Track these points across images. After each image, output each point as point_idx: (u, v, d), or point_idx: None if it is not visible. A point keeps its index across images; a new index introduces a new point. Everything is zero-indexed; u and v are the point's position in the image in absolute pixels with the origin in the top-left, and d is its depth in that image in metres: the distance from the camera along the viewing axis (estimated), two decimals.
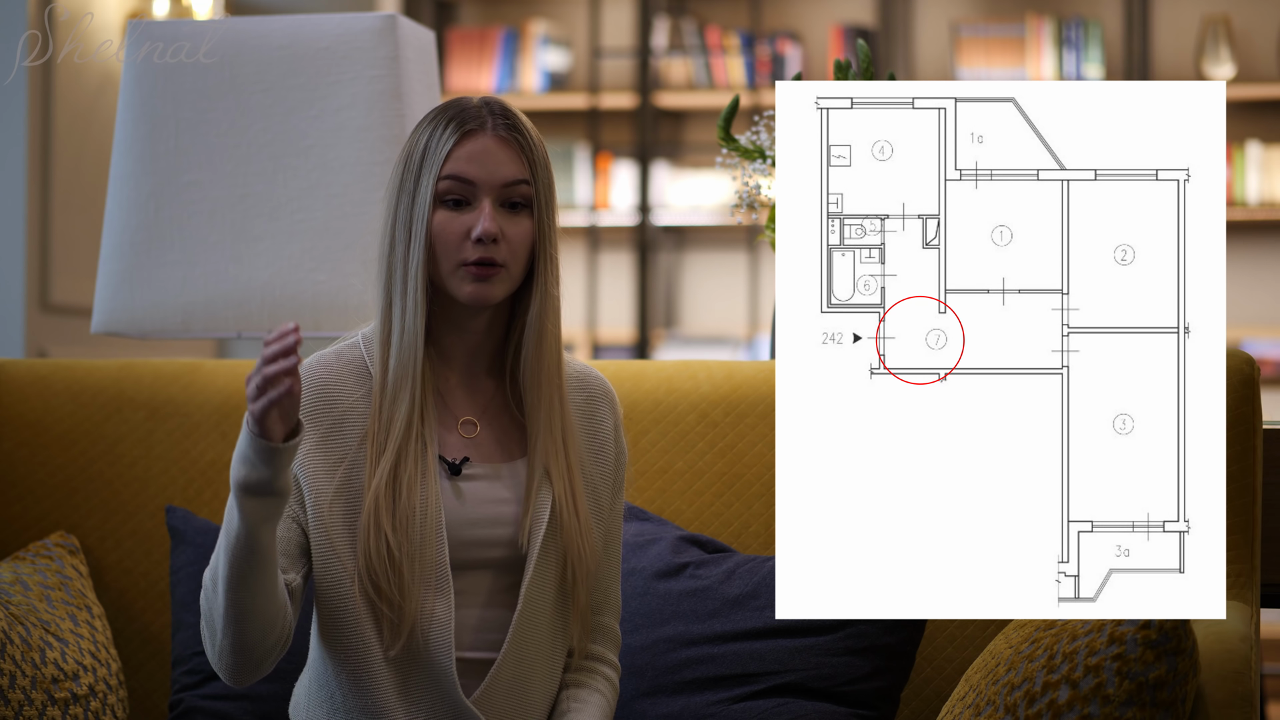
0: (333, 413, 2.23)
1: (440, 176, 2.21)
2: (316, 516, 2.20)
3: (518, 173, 2.22)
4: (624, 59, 7.43)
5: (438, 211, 2.21)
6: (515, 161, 2.22)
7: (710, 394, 2.69)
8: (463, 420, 2.27)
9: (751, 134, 2.96)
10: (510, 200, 2.22)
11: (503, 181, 2.21)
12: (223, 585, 2.10)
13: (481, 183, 2.21)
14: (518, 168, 2.22)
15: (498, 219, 2.20)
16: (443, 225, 2.21)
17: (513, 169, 2.22)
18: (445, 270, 2.21)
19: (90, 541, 2.84)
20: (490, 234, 2.19)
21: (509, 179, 2.21)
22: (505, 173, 2.21)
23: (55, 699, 2.54)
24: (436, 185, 2.21)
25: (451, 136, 2.21)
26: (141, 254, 3.12)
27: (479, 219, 2.20)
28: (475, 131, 2.22)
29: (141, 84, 3.14)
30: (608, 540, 2.32)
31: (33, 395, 2.90)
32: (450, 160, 2.21)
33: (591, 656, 2.32)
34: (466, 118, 2.22)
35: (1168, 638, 2.03)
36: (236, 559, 2.08)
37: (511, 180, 2.22)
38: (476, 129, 2.22)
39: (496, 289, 2.21)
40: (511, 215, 2.22)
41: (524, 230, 2.22)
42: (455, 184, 2.21)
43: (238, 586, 2.09)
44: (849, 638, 2.43)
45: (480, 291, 2.20)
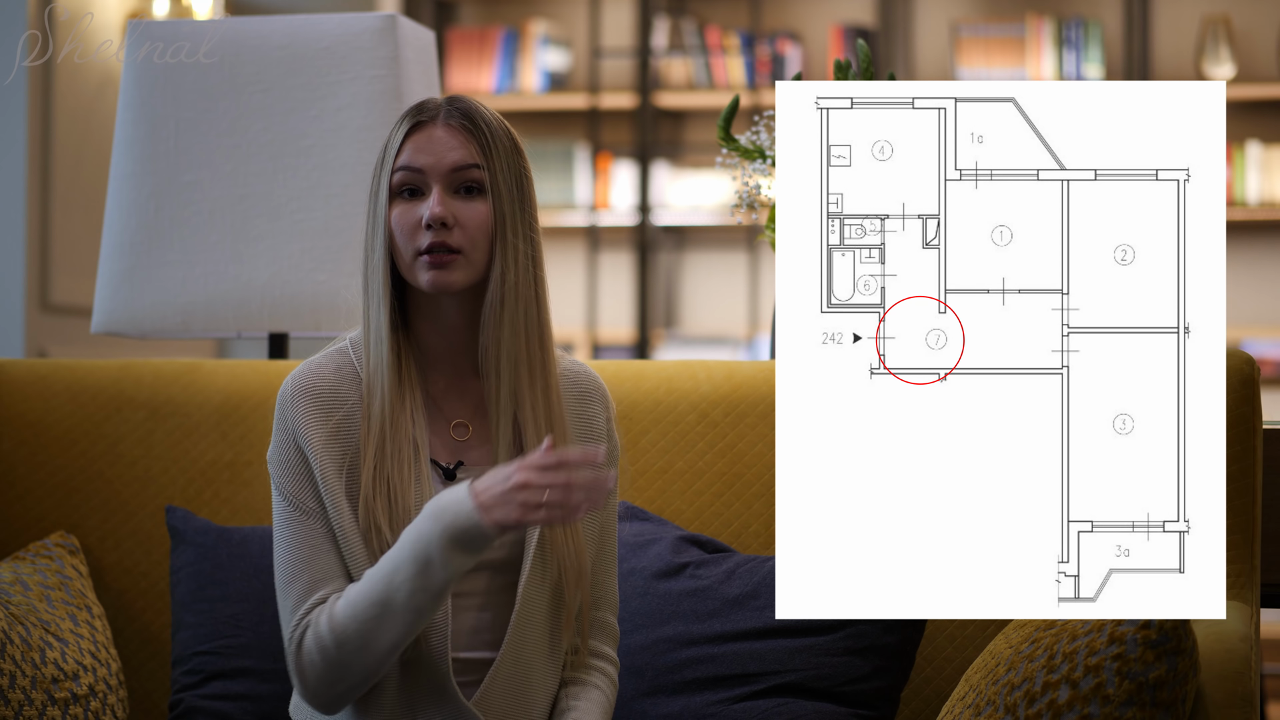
0: (332, 419, 2.23)
1: (393, 169, 2.22)
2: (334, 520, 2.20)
3: (466, 157, 2.22)
4: (624, 59, 7.43)
5: (394, 205, 2.22)
6: (464, 147, 2.22)
7: (710, 394, 2.69)
8: (455, 423, 2.27)
9: (751, 134, 2.96)
10: (462, 185, 2.22)
11: (450, 166, 2.22)
12: (395, 638, 2.13)
13: (429, 169, 2.21)
14: (466, 153, 2.22)
15: (450, 204, 2.21)
16: (398, 217, 2.22)
17: (461, 154, 2.22)
18: (406, 262, 2.22)
19: (90, 541, 2.84)
20: (437, 218, 2.19)
21: (457, 163, 2.22)
22: (453, 158, 2.22)
23: (55, 699, 2.54)
24: (391, 178, 2.22)
25: (404, 130, 2.23)
26: (141, 254, 3.12)
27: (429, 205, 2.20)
28: (425, 123, 2.24)
29: (141, 84, 3.14)
30: (603, 536, 2.32)
31: (33, 395, 2.90)
32: (402, 152, 2.23)
33: (590, 653, 2.32)
34: (421, 111, 2.24)
35: (1168, 638, 2.03)
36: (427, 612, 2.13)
37: (460, 164, 2.22)
38: (428, 121, 2.24)
39: (455, 275, 2.21)
40: (465, 200, 2.22)
41: (478, 214, 2.22)
42: (406, 174, 2.22)
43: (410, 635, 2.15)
44: (849, 638, 2.43)
45: (438, 278, 2.20)
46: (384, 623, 2.12)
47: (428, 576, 2.10)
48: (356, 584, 2.15)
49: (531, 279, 2.24)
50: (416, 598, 2.11)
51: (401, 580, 2.11)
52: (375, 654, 2.13)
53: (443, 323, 2.26)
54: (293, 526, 2.20)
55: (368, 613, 2.12)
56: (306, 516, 2.20)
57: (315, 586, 2.18)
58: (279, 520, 2.22)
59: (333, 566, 2.19)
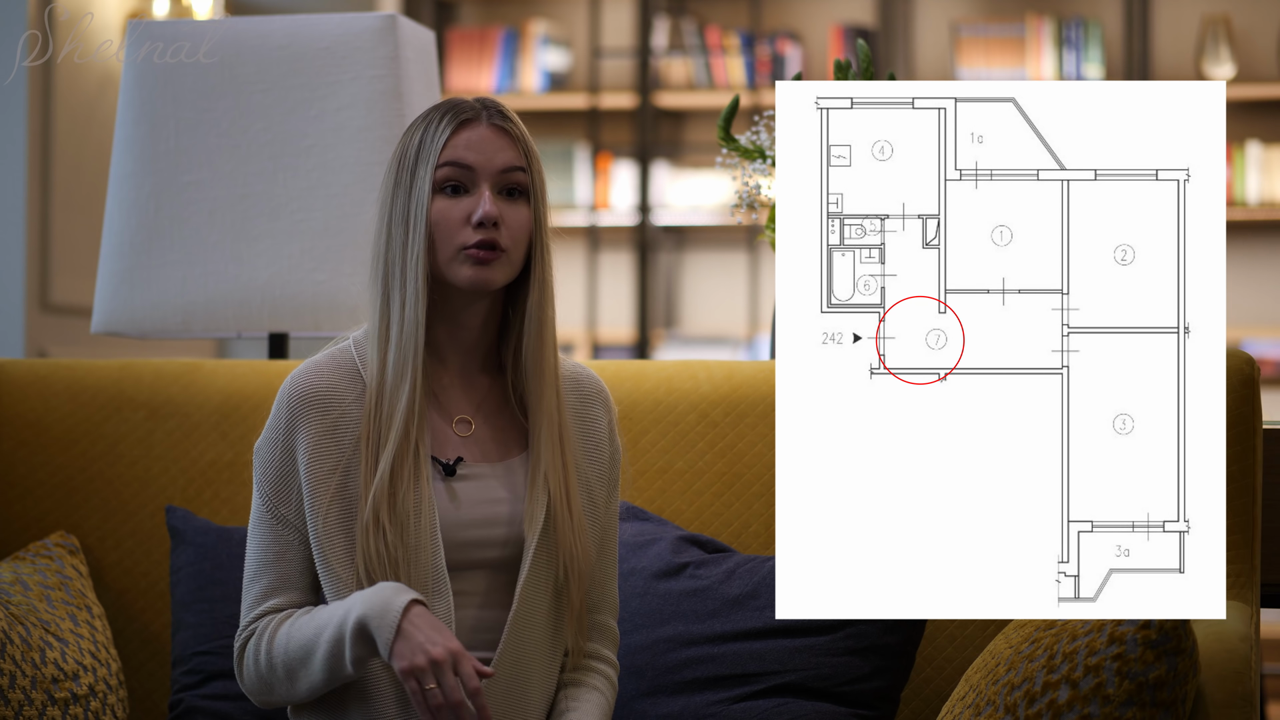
0: (327, 418, 2.23)
1: (439, 164, 2.22)
2: (314, 524, 2.21)
3: (514, 159, 2.24)
4: (624, 59, 7.43)
5: (436, 200, 2.22)
6: (511, 149, 2.24)
7: (710, 394, 2.69)
8: (458, 419, 2.27)
9: (751, 134, 2.96)
10: (508, 187, 2.24)
11: (501, 167, 2.23)
12: (315, 684, 2.19)
13: (480, 168, 2.22)
14: (514, 155, 2.24)
15: (498, 204, 2.21)
16: (442, 212, 2.22)
17: (509, 155, 2.23)
18: (444, 257, 2.22)
19: (90, 541, 2.84)
20: (491, 217, 2.20)
21: (506, 165, 2.23)
22: (503, 159, 2.23)
23: (55, 699, 2.54)
24: (435, 173, 2.22)
25: (448, 127, 2.23)
26: (141, 254, 3.12)
27: (479, 203, 2.21)
28: (471, 121, 2.24)
29: (141, 84, 3.14)
30: (604, 539, 2.32)
31: (33, 395, 2.90)
32: (448, 148, 2.23)
33: (589, 655, 2.32)
34: (461, 110, 2.25)
35: (1168, 638, 2.03)
36: (344, 675, 2.17)
37: (509, 166, 2.23)
38: (472, 119, 2.25)
39: (497, 273, 2.22)
40: (510, 202, 2.24)
41: (523, 217, 2.24)
42: (454, 170, 2.22)
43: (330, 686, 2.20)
44: (849, 638, 2.43)
45: (481, 275, 2.21)
46: (306, 668, 2.18)
47: (336, 652, 2.15)
48: (298, 619, 2.20)
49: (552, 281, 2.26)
50: (331, 661, 2.16)
51: (325, 639, 2.16)
52: (297, 691, 2.20)
53: (459, 322, 2.26)
54: (265, 527, 2.24)
55: (294, 655, 2.18)
56: (278, 522, 2.24)
57: (274, 591, 2.23)
58: (254, 517, 2.26)
59: (295, 575, 2.24)
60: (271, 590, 2.23)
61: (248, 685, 2.24)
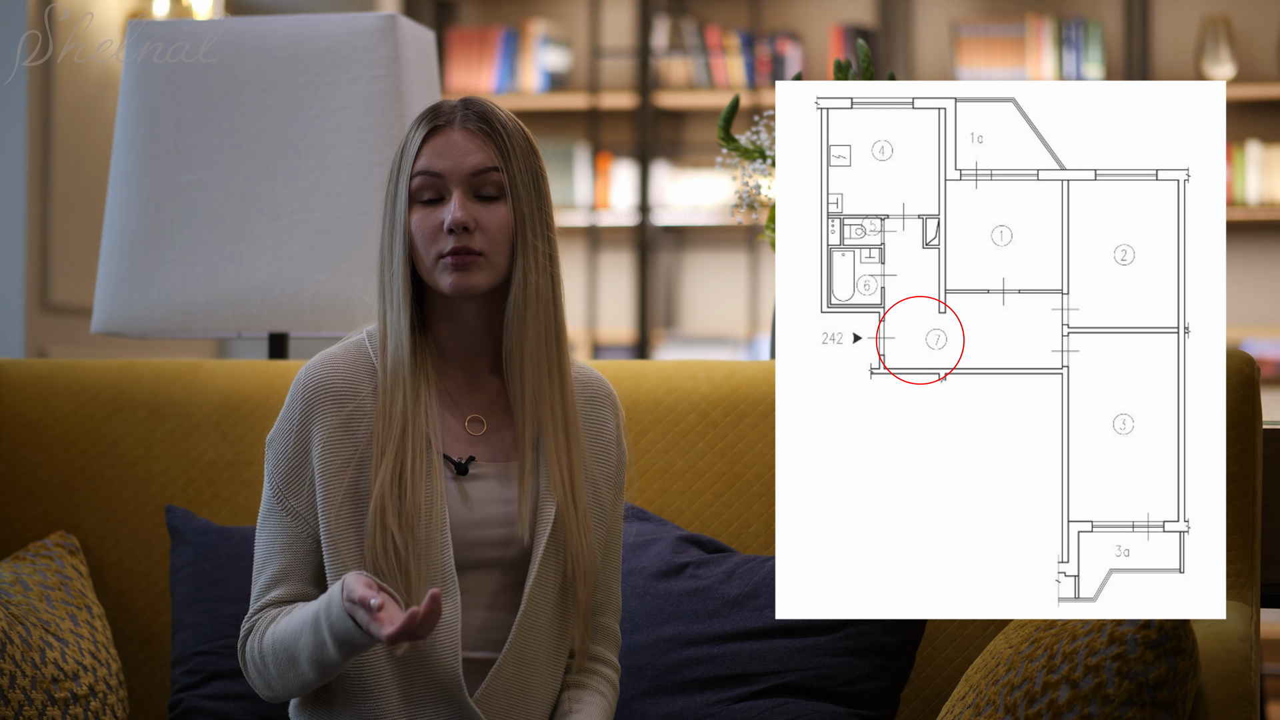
0: (342, 411, 2.23)
1: (412, 175, 2.22)
2: (325, 517, 2.21)
3: (485, 161, 2.22)
4: (624, 59, 7.43)
5: (414, 209, 2.22)
6: (483, 150, 2.23)
7: (710, 394, 2.69)
8: (469, 418, 2.27)
9: (751, 134, 2.96)
10: (482, 189, 2.23)
11: (470, 170, 2.22)
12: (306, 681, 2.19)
13: (449, 174, 2.22)
14: (485, 156, 2.22)
15: (470, 208, 2.21)
16: (419, 222, 2.22)
17: (479, 158, 2.22)
18: (427, 265, 2.22)
19: (90, 541, 2.84)
20: (459, 222, 2.20)
21: (476, 167, 2.22)
22: (472, 162, 2.22)
23: (55, 699, 2.54)
24: (410, 184, 2.22)
25: (420, 134, 2.24)
26: (141, 254, 3.12)
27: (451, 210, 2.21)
28: (442, 127, 2.24)
29: (141, 84, 3.14)
30: (608, 542, 2.32)
31: (33, 395, 2.90)
32: (420, 157, 2.23)
33: (592, 657, 2.32)
34: (437, 115, 2.25)
35: (1168, 638, 2.03)
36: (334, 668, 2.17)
37: (479, 169, 2.22)
38: (444, 125, 2.24)
39: (476, 278, 2.21)
40: (486, 204, 2.23)
41: (499, 218, 2.22)
42: (426, 179, 2.22)
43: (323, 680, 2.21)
44: (849, 638, 2.43)
45: (460, 281, 2.21)
46: (295, 668, 2.18)
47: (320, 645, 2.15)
48: (284, 619, 2.20)
49: (550, 279, 2.25)
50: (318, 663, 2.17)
51: (304, 644, 2.16)
52: (290, 688, 2.21)
53: (460, 323, 2.26)
54: (275, 518, 2.24)
55: (281, 656, 2.19)
56: (288, 514, 2.23)
57: (280, 580, 2.23)
58: (264, 507, 2.26)
59: (302, 567, 2.23)
60: (279, 577, 2.23)
61: (250, 677, 2.24)
